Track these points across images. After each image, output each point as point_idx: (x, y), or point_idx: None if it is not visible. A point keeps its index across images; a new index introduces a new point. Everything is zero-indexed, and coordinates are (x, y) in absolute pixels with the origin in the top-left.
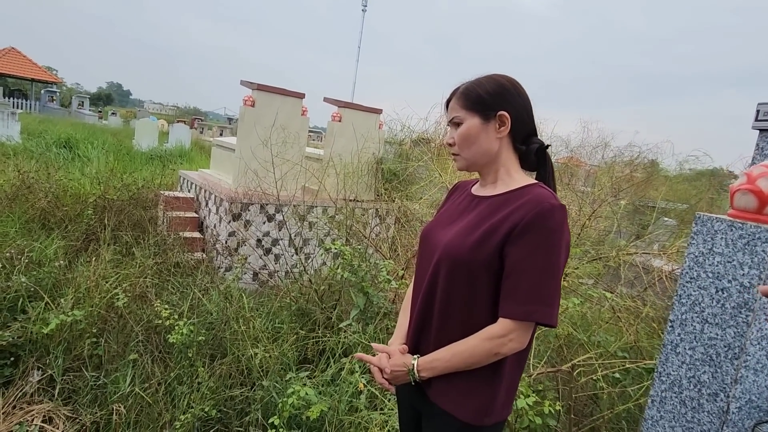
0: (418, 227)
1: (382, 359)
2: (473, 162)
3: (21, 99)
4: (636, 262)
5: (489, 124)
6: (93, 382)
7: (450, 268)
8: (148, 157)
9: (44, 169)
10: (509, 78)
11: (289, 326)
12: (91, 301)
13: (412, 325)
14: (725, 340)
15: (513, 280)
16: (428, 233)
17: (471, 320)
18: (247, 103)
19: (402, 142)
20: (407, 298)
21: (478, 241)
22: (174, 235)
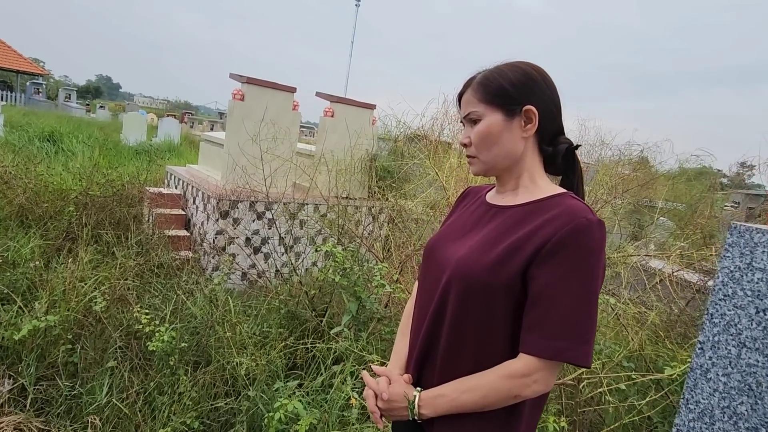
0: (413, 227)
1: (381, 383)
2: (493, 165)
3: (5, 91)
4: (637, 264)
5: (513, 120)
6: (67, 391)
7: (462, 289)
8: (135, 151)
9: (24, 163)
10: (535, 66)
11: (277, 331)
12: (67, 305)
13: (415, 353)
14: (767, 369)
15: (541, 309)
16: (435, 247)
17: (484, 352)
18: (236, 97)
19: (397, 138)
20: (406, 318)
21: (498, 260)
22: (159, 233)
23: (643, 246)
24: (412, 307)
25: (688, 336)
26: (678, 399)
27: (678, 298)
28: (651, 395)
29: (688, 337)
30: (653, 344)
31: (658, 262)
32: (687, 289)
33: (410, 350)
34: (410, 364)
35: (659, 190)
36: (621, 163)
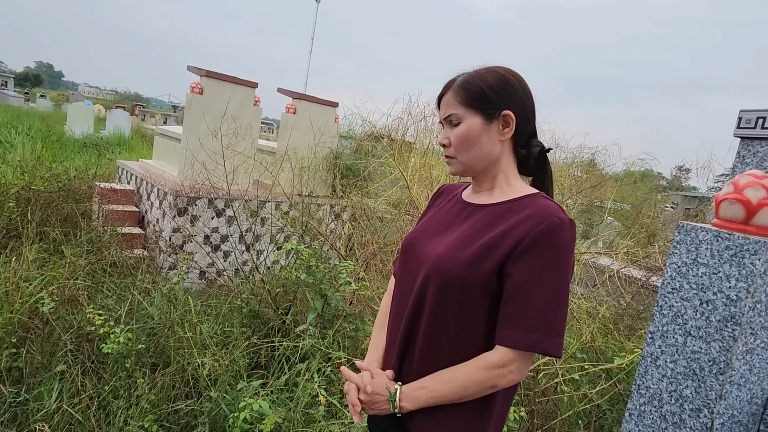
0: (378, 225)
1: (365, 377)
2: (471, 167)
3: None
4: (588, 261)
5: (492, 124)
6: (12, 398)
7: (440, 285)
8: (81, 144)
9: None
10: (512, 71)
11: (240, 330)
12: (10, 307)
13: (395, 349)
14: (710, 354)
15: (516, 304)
16: (413, 243)
17: (462, 346)
18: (195, 91)
19: (361, 137)
20: (382, 313)
21: (475, 257)
22: (111, 231)
23: (593, 244)
24: (388, 303)
25: (634, 328)
26: (625, 387)
27: (625, 292)
28: (601, 384)
29: (634, 328)
30: (603, 336)
31: (606, 259)
32: (633, 285)
33: (389, 345)
34: (390, 358)
35: (608, 191)
36: (573, 165)
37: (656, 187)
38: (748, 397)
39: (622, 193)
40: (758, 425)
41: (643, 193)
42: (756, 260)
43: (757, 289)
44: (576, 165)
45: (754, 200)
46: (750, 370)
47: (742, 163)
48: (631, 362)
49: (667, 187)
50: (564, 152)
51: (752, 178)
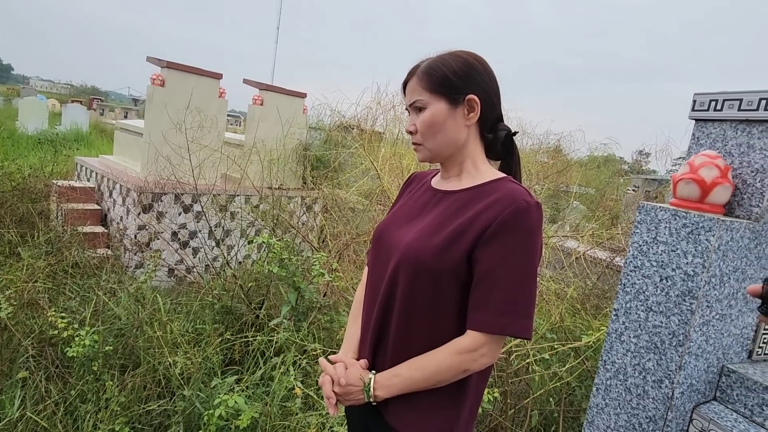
0: (350, 216)
1: (338, 369)
2: (438, 153)
3: None
4: (555, 244)
5: (457, 109)
6: None
7: (411, 273)
8: (35, 141)
9: None
10: (476, 55)
11: (212, 327)
12: None
13: (369, 338)
14: (670, 328)
15: (486, 288)
16: (383, 232)
17: (434, 332)
18: (156, 83)
19: (330, 128)
20: (356, 303)
21: (444, 244)
22: (71, 230)
23: (560, 228)
24: (362, 293)
25: (600, 307)
26: (592, 364)
27: (591, 273)
28: (570, 362)
29: (600, 308)
30: (572, 316)
31: (573, 242)
32: (598, 266)
33: (363, 334)
34: (364, 348)
35: (573, 176)
36: (540, 151)
37: (618, 171)
38: (705, 367)
39: (587, 177)
40: (714, 392)
41: (606, 177)
42: (710, 237)
43: (711, 264)
44: (542, 151)
45: (708, 179)
46: (706, 341)
47: (696, 144)
48: (598, 339)
49: (628, 170)
50: (531, 139)
51: (706, 158)
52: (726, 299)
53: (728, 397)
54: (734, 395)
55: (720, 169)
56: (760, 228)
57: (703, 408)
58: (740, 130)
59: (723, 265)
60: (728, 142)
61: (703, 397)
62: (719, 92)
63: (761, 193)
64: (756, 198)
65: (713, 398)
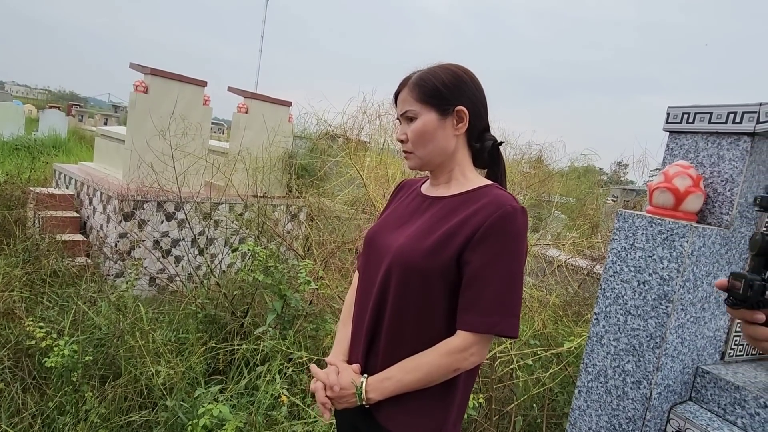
0: (336, 224)
1: (331, 374)
2: (428, 161)
3: None
4: (538, 253)
5: (446, 119)
6: None
7: (402, 276)
8: (12, 147)
9: None
10: (464, 68)
11: (195, 336)
12: None
13: (361, 341)
14: (647, 331)
15: (475, 290)
16: (374, 237)
17: (425, 333)
18: (139, 89)
19: (317, 136)
20: (347, 308)
21: (434, 247)
22: (49, 238)
23: (542, 237)
24: (353, 297)
25: (581, 314)
26: (574, 370)
27: (572, 281)
28: (553, 368)
29: (581, 314)
30: (554, 323)
31: (554, 250)
32: (579, 274)
33: (354, 338)
34: (357, 351)
35: (554, 186)
36: (522, 161)
37: (598, 181)
38: (681, 368)
39: (568, 187)
40: (690, 393)
41: (586, 187)
42: (684, 243)
43: (686, 269)
44: (525, 161)
45: (681, 188)
46: (682, 342)
47: (671, 155)
48: (579, 345)
49: (607, 181)
50: (513, 149)
51: (680, 168)
52: (699, 302)
53: (703, 397)
54: (708, 395)
55: (692, 178)
56: (730, 234)
57: (680, 408)
58: (711, 142)
59: (696, 270)
60: (700, 153)
61: (680, 398)
62: (691, 106)
63: (731, 202)
64: (726, 206)
65: (689, 398)
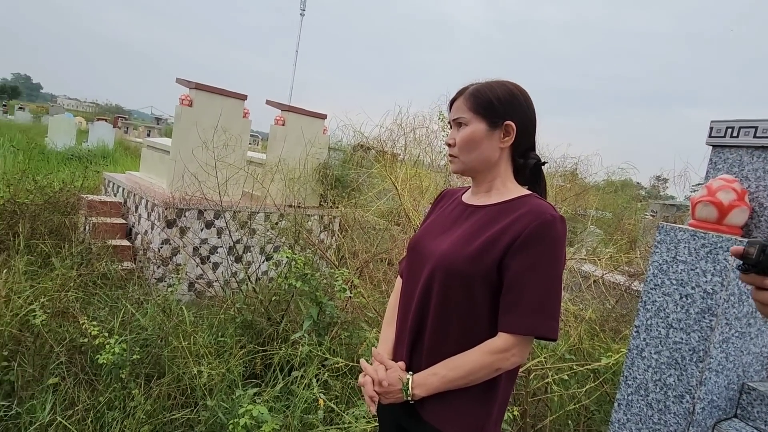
0: (372, 234)
1: (379, 370)
2: (471, 167)
3: None
4: (573, 267)
5: (494, 132)
6: (3, 412)
7: (445, 279)
8: (65, 157)
9: None
10: (520, 87)
11: (234, 340)
12: (1, 320)
13: (405, 340)
14: (690, 344)
15: (515, 293)
16: (418, 243)
17: (467, 335)
18: (184, 103)
19: (354, 148)
20: (390, 309)
21: (477, 252)
22: (100, 243)
23: (577, 251)
24: (396, 300)
25: (619, 330)
26: (611, 387)
27: (609, 296)
28: (589, 384)
29: (619, 331)
30: (590, 338)
31: (590, 266)
32: (616, 290)
33: (398, 337)
34: (401, 350)
35: (590, 200)
36: (557, 174)
37: (636, 196)
38: (726, 383)
39: (604, 201)
40: (735, 410)
41: (623, 201)
42: (729, 256)
43: (730, 283)
44: (559, 174)
45: (725, 202)
46: (726, 357)
47: (714, 169)
48: (617, 362)
49: (646, 196)
50: (548, 162)
51: (723, 182)
52: (745, 317)
53: (749, 414)
54: (755, 412)
55: (737, 192)
56: None
57: (725, 425)
58: (756, 156)
59: (741, 284)
60: (745, 167)
61: (724, 414)
62: (735, 120)
63: None
64: None
65: (734, 415)
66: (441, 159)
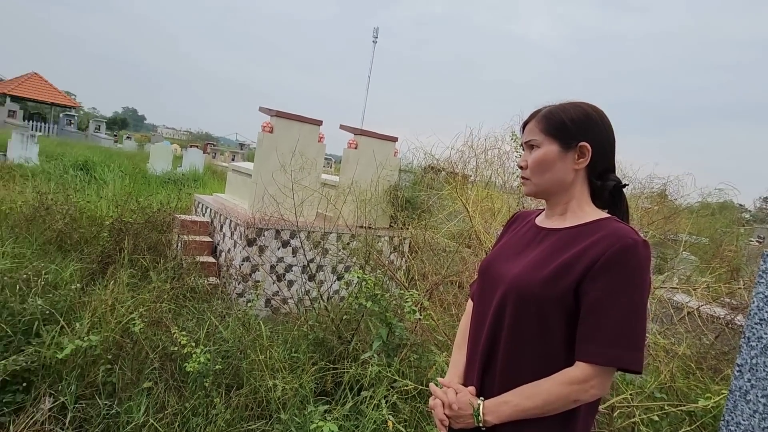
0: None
1: (449, 394)
2: (543, 189)
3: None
4: (663, 297)
5: (568, 153)
6: (106, 411)
7: (518, 303)
8: (162, 180)
9: (62, 191)
10: (596, 107)
11: (306, 356)
12: (107, 326)
13: (476, 365)
14: None
15: (594, 320)
16: (489, 266)
17: (542, 361)
18: (266, 129)
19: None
20: (461, 333)
21: (551, 276)
22: (190, 259)
23: (668, 279)
24: (467, 323)
25: (719, 369)
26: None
27: (707, 331)
28: (684, 428)
29: (719, 370)
30: (685, 377)
31: (683, 295)
32: (715, 323)
33: (469, 362)
34: (472, 374)
35: (682, 223)
36: (642, 196)
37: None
38: None
39: (699, 225)
40: None
41: (722, 225)
42: None
43: None
44: (645, 196)
45: None
46: None
47: None
48: (717, 405)
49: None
50: (632, 183)
51: None
52: None
53: None
54: None
55: None
56: None
57: None
58: None
59: None
60: None
61: None
62: None
63: None
64: None
65: None
66: (514, 180)
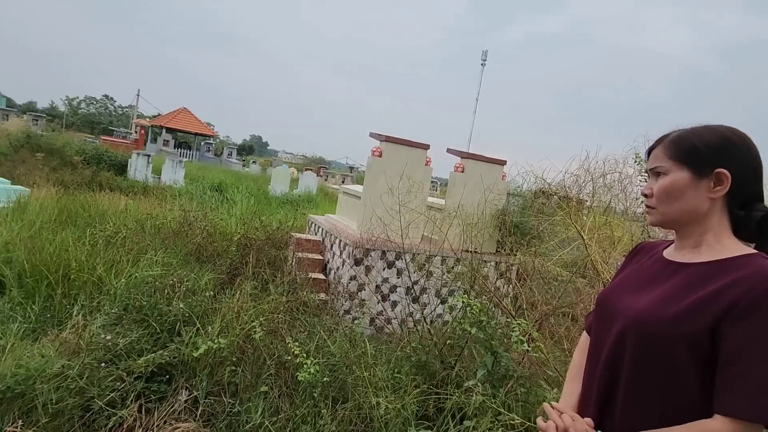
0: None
1: (565, 419)
2: (671, 219)
3: (185, 149)
4: None
5: (702, 180)
6: (229, 408)
7: (640, 341)
8: (281, 201)
9: (202, 210)
10: (737, 131)
11: (409, 378)
12: (233, 332)
13: (592, 399)
14: None
15: (737, 369)
16: (608, 298)
17: (672, 406)
18: (375, 154)
19: (534, 194)
20: (575, 366)
21: (682, 316)
22: (303, 275)
23: None
24: (581, 355)
25: None
26: None
27: None
28: None
29: None
30: None
31: None
32: None
33: (585, 394)
34: (587, 407)
35: None
36: None
37: None
38: None
39: None
40: None
41: None
42: None
43: None
44: None
45: None
46: None
47: None
48: None
49: None
50: None
51: None
52: None
53: None
54: None
55: None
56: None
57: None
58: None
59: None
60: None
61: None
62: None
63: None
64: None
65: None
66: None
